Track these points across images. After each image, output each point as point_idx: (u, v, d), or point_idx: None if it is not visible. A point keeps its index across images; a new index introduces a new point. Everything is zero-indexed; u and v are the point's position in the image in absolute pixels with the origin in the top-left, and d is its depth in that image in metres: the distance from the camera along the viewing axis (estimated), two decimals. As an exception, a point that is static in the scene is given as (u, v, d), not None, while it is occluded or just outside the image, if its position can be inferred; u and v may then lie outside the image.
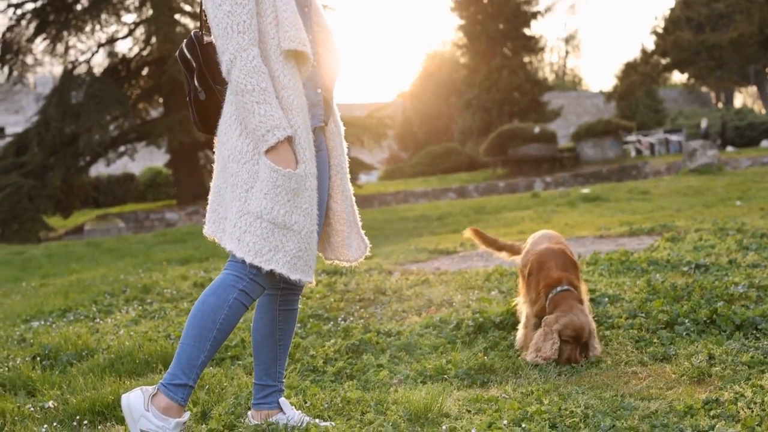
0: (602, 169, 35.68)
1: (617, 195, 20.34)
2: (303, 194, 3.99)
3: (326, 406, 4.72)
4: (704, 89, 72.33)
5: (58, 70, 36.32)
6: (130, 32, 31.52)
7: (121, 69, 31.31)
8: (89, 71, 30.47)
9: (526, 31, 52.83)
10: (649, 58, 53.43)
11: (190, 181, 31.36)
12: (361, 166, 31.35)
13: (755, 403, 4.14)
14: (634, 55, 76.84)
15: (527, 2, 52.46)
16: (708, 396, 4.34)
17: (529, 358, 5.36)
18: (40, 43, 31.17)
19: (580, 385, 4.84)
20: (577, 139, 43.32)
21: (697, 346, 5.22)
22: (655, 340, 5.51)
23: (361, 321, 6.84)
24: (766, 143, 43.03)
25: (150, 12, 29.55)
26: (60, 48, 31.00)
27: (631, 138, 45.32)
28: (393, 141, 53.32)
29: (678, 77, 72.38)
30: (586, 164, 40.77)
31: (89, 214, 32.63)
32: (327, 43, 4.33)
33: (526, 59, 53.50)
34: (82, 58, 31.48)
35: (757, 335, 5.38)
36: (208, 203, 4.27)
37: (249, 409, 4.61)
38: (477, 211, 20.09)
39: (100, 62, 32.53)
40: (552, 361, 5.29)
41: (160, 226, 28.96)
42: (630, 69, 54.34)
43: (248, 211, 3.96)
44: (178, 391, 4.06)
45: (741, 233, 9.58)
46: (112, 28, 31.83)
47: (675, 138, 44.55)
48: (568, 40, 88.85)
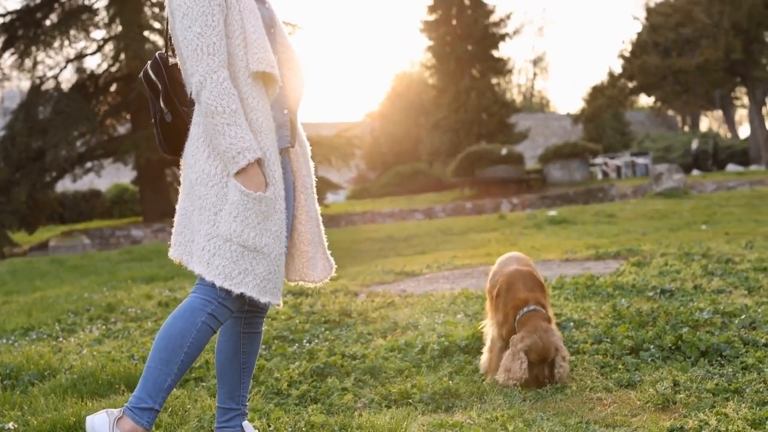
0: (569, 192, 35.80)
1: (584, 218, 20.42)
2: (273, 217, 3.98)
3: (290, 430, 4.70)
4: (670, 113, 72.88)
5: (25, 85, 36.18)
6: (99, 48, 31.35)
7: (89, 85, 31.11)
8: (57, 87, 30.28)
9: (495, 53, 52.96)
10: (616, 82, 53.71)
11: (156, 198, 31.19)
12: (328, 186, 31.33)
13: (719, 431, 4.15)
14: (601, 78, 77.24)
15: (496, 24, 52.62)
16: (673, 423, 4.35)
17: (501, 380, 5.34)
18: (8, 58, 30.94)
19: (545, 411, 4.84)
20: (544, 161, 43.46)
21: (662, 373, 5.24)
22: (620, 366, 5.52)
23: (326, 343, 6.81)
24: (731, 167, 43.38)
25: (119, 29, 29.45)
26: (28, 63, 30.77)
27: (598, 160, 45.56)
28: (361, 161, 53.20)
29: (645, 100, 72.92)
30: (553, 186, 40.89)
31: (54, 230, 32.39)
32: (291, 64, 4.33)
33: (495, 81, 53.61)
34: (50, 74, 31.27)
35: (722, 362, 5.40)
36: (173, 225, 4.25)
37: (212, 432, 4.58)
38: (444, 233, 20.11)
39: (69, 78, 32.38)
40: (522, 382, 5.29)
41: (125, 243, 28.79)
42: (597, 92, 54.61)
43: (217, 234, 3.94)
44: (144, 414, 4.02)
45: (706, 258, 9.64)
46: (80, 44, 31.64)
47: (641, 161, 44.87)
48: (536, 62, 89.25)
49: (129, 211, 38.63)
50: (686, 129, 71.07)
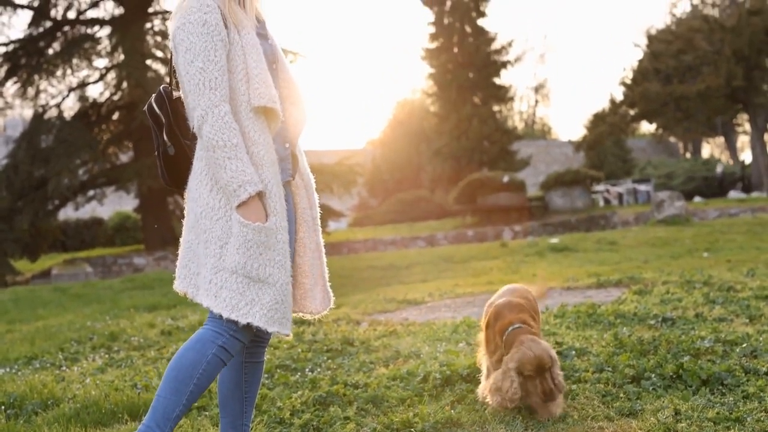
0: (571, 219, 35.81)
1: (585, 245, 20.43)
2: (275, 247, 4.01)
3: (293, 459, 4.71)
4: (672, 139, 72.96)
5: (28, 113, 36.20)
6: (102, 77, 31.47)
7: (91, 113, 31.20)
8: (59, 115, 30.33)
9: (496, 81, 53.09)
10: (618, 109, 53.73)
11: (158, 226, 31.24)
12: (330, 213, 31.33)
13: (720, 461, 4.17)
14: (602, 105, 77.31)
15: (497, 52, 52.77)
16: (673, 452, 4.36)
17: (495, 403, 5.19)
18: (11, 87, 31.09)
19: (547, 440, 4.85)
20: (545, 188, 43.50)
21: (663, 402, 5.24)
22: (622, 395, 5.52)
23: (329, 372, 6.82)
24: (733, 194, 43.41)
25: (122, 57, 29.53)
26: (31, 91, 30.94)
27: (600, 187, 45.60)
28: (362, 188, 53.28)
29: (646, 127, 72.95)
30: (555, 213, 40.91)
31: (56, 258, 32.41)
32: (293, 98, 4.37)
33: (496, 108, 53.72)
34: (52, 102, 31.38)
35: (723, 391, 5.40)
36: (178, 257, 4.28)
37: (215, 462, 4.59)
38: (446, 260, 20.12)
39: (71, 106, 32.34)
40: (517, 403, 5.12)
41: (127, 271, 28.84)
42: (599, 119, 54.62)
43: (223, 267, 3.98)
44: None
45: (708, 286, 9.65)
46: (83, 73, 31.79)
47: (643, 188, 44.91)
48: (538, 90, 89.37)
49: (131, 239, 38.65)
50: (688, 156, 71.07)
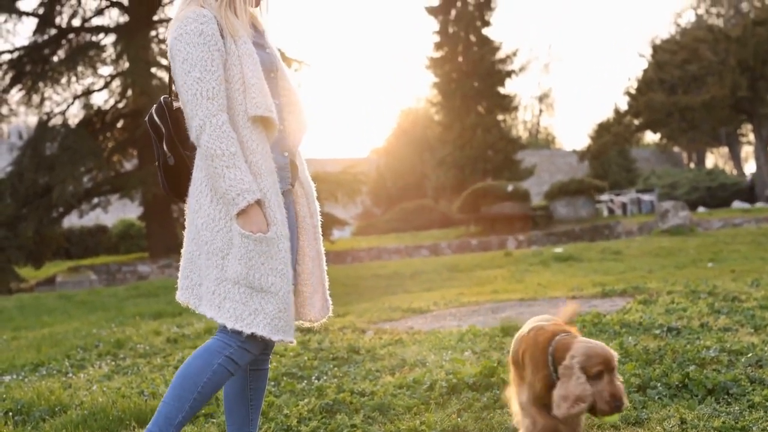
0: (575, 228, 35.80)
1: (590, 255, 20.44)
2: (276, 256, 4.04)
3: (300, 466, 4.73)
4: (676, 149, 73.02)
5: (32, 120, 36.25)
6: (106, 84, 31.52)
7: (96, 121, 31.26)
8: (64, 123, 30.35)
9: (501, 90, 53.12)
10: (622, 119, 53.85)
11: (163, 234, 31.23)
12: (334, 222, 31.35)
13: (726, 469, 4.18)
14: (607, 115, 77.36)
15: (502, 61, 52.82)
16: (680, 461, 4.37)
17: (562, 412, 4.18)
18: (16, 94, 31.12)
19: (553, 448, 4.85)
20: (550, 198, 43.50)
21: (669, 411, 5.25)
22: (628, 404, 5.54)
23: (335, 380, 6.84)
24: (737, 204, 43.41)
25: (126, 65, 29.55)
26: (35, 99, 30.94)
27: (604, 197, 45.58)
28: (366, 197, 53.26)
29: (650, 137, 73.16)
30: (559, 223, 40.90)
31: (61, 266, 32.43)
32: (292, 107, 4.40)
33: (500, 117, 53.76)
34: (57, 110, 31.38)
35: (729, 400, 5.41)
36: (180, 269, 4.31)
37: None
38: (450, 269, 20.14)
39: (76, 114, 32.43)
40: (586, 406, 4.15)
41: (132, 278, 28.83)
42: (603, 129, 54.73)
43: (226, 278, 4.02)
44: None
45: (713, 296, 9.65)
46: (88, 80, 31.81)
47: (647, 198, 44.89)
48: (542, 99, 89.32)
49: (135, 247, 38.66)
50: (692, 166, 71.11)
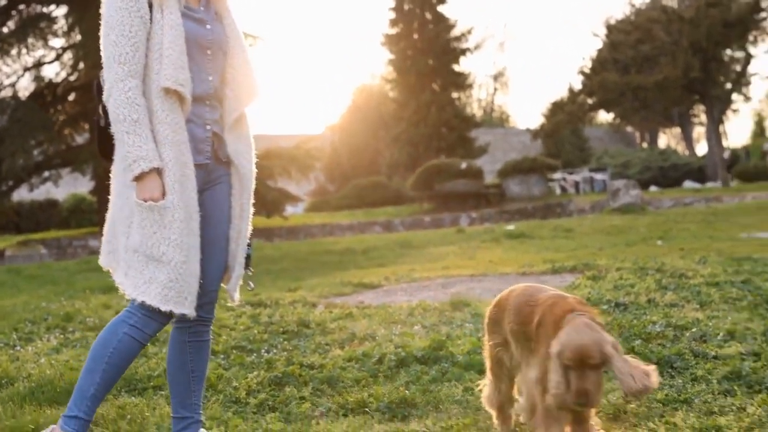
0: (527, 206, 36.01)
1: (541, 232, 20.53)
2: (171, 226, 4.02)
3: (248, 437, 4.73)
4: (629, 129, 73.54)
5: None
6: (58, 57, 31.23)
7: (47, 94, 30.96)
8: (14, 95, 30.12)
9: (456, 68, 53.26)
10: (576, 98, 53.96)
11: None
12: (287, 198, 31.27)
13: (668, 441, 4.23)
14: (561, 94, 77.67)
15: (457, 39, 52.93)
16: (623, 433, 4.42)
17: (548, 400, 3.94)
18: (-36, 66, 30.79)
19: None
20: (503, 176, 43.68)
21: (614, 383, 5.31)
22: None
23: (285, 353, 6.84)
24: (688, 184, 43.79)
25: (78, 37, 29.31)
26: (-16, 71, 30.66)
27: (557, 176, 45.83)
28: (320, 173, 53.21)
29: (604, 117, 73.49)
30: (512, 201, 41.10)
31: (10, 240, 32.11)
32: (235, 83, 4.38)
33: (455, 95, 53.92)
34: (7, 82, 31.12)
35: (672, 373, 5.48)
36: (103, 232, 4.32)
37: (170, 440, 4.60)
38: (402, 246, 20.16)
39: (26, 86, 32.10)
40: (561, 400, 3.86)
41: (83, 253, 28.63)
42: (557, 108, 54.85)
43: (129, 246, 4.05)
44: (71, 422, 4.09)
45: (660, 273, 9.74)
46: (39, 52, 31.54)
47: (600, 177, 45.21)
48: (497, 77, 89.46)
49: (86, 221, 38.37)
50: (645, 145, 71.58)
